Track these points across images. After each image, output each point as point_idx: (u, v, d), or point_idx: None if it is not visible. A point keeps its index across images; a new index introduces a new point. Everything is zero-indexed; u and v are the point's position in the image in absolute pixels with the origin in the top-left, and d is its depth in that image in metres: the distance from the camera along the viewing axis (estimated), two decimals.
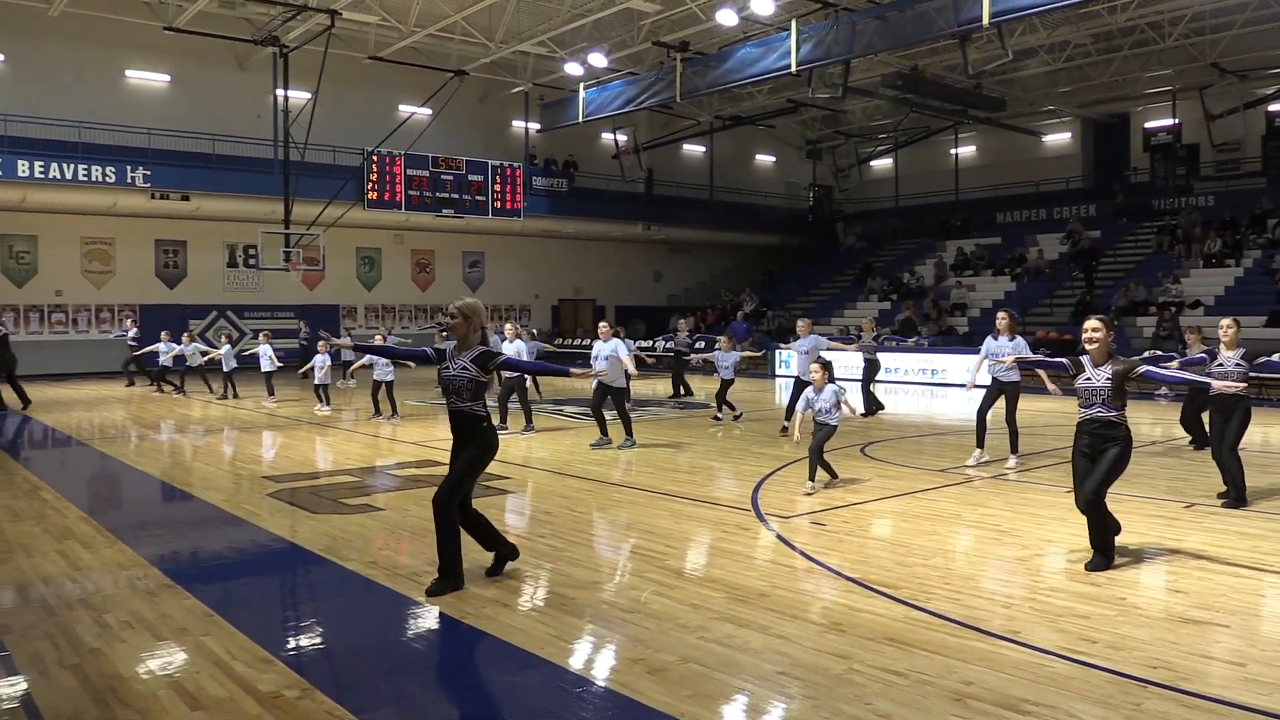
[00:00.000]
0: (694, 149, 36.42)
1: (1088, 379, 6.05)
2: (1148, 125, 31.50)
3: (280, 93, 23.81)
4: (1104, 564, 5.93)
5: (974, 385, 10.23)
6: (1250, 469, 8.39)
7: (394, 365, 15.14)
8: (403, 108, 27.66)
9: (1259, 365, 8.06)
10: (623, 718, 3.91)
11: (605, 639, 4.85)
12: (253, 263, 26.75)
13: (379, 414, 14.93)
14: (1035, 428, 13.06)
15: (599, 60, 25.04)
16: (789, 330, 24.42)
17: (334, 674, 4.46)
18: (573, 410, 15.88)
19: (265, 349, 17.70)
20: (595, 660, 4.60)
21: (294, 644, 4.85)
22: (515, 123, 31.66)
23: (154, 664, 4.49)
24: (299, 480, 9.56)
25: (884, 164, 37.55)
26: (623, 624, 5.02)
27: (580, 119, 26.97)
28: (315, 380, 16.17)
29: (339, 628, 5.17)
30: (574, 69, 25.79)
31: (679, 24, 24.29)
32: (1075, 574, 5.87)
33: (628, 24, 24.81)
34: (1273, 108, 28.47)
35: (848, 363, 18.79)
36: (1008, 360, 8.99)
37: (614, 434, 11.81)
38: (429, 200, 27.79)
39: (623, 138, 31.08)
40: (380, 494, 8.86)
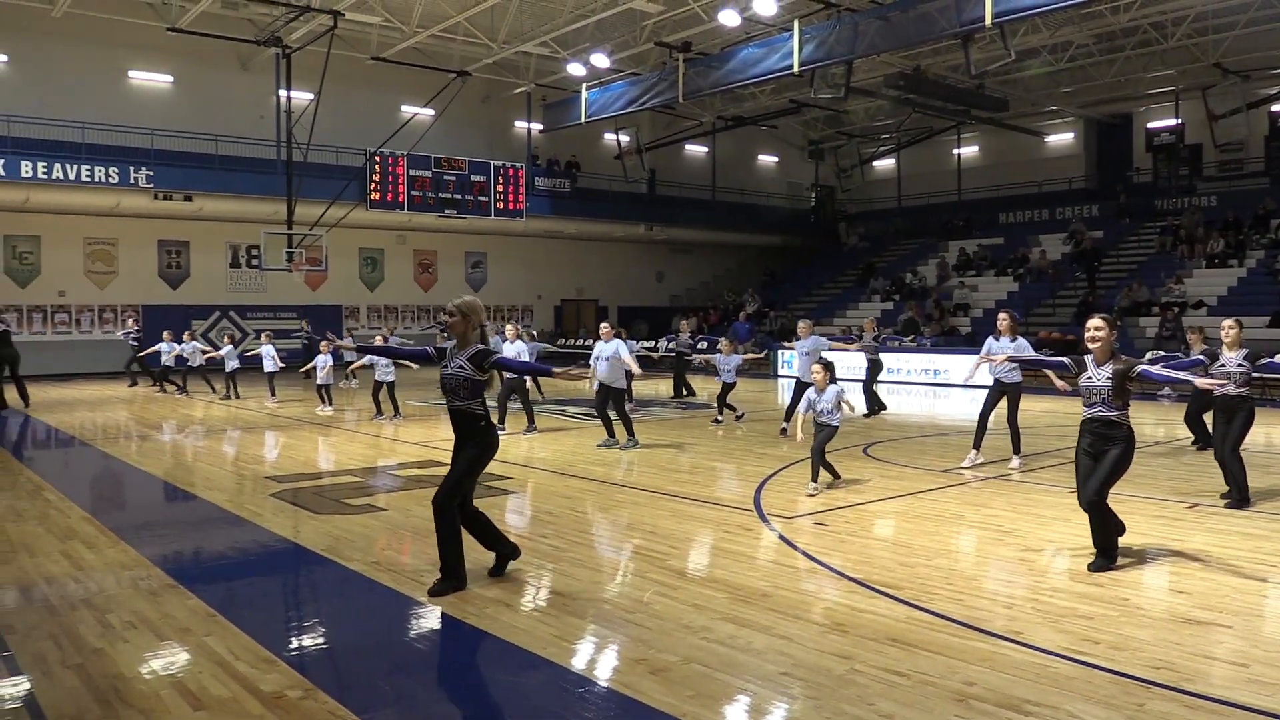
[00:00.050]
0: (696, 149, 36.41)
1: (1089, 378, 6.05)
2: (1150, 125, 31.47)
3: (283, 93, 23.84)
4: (1106, 564, 5.93)
5: (970, 379, 10.36)
6: (1253, 470, 8.38)
7: (394, 366, 15.16)
8: (405, 108, 27.68)
9: (1261, 366, 8.02)
10: (625, 718, 3.91)
11: (607, 639, 4.85)
12: (255, 263, 26.77)
13: (381, 414, 14.95)
14: (1038, 428, 13.05)
15: (601, 61, 25.05)
16: (791, 331, 24.39)
17: (336, 674, 4.46)
18: (575, 411, 15.88)
19: (268, 349, 17.74)
20: (597, 660, 4.60)
21: (297, 644, 4.85)
22: (518, 123, 31.69)
23: (157, 664, 4.50)
24: (302, 480, 9.57)
25: (886, 164, 37.52)
26: (625, 624, 5.03)
27: (583, 119, 26.99)
28: (318, 380, 16.22)
29: (341, 628, 5.17)
30: (576, 69, 25.82)
31: (681, 24, 24.29)
32: (1078, 574, 5.87)
33: (630, 24, 24.82)
34: (1276, 108, 28.45)
35: (850, 363, 18.79)
36: (999, 359, 8.96)
37: (619, 434, 11.81)
38: (431, 201, 27.80)
39: (625, 138, 31.10)
40: (382, 494, 8.86)
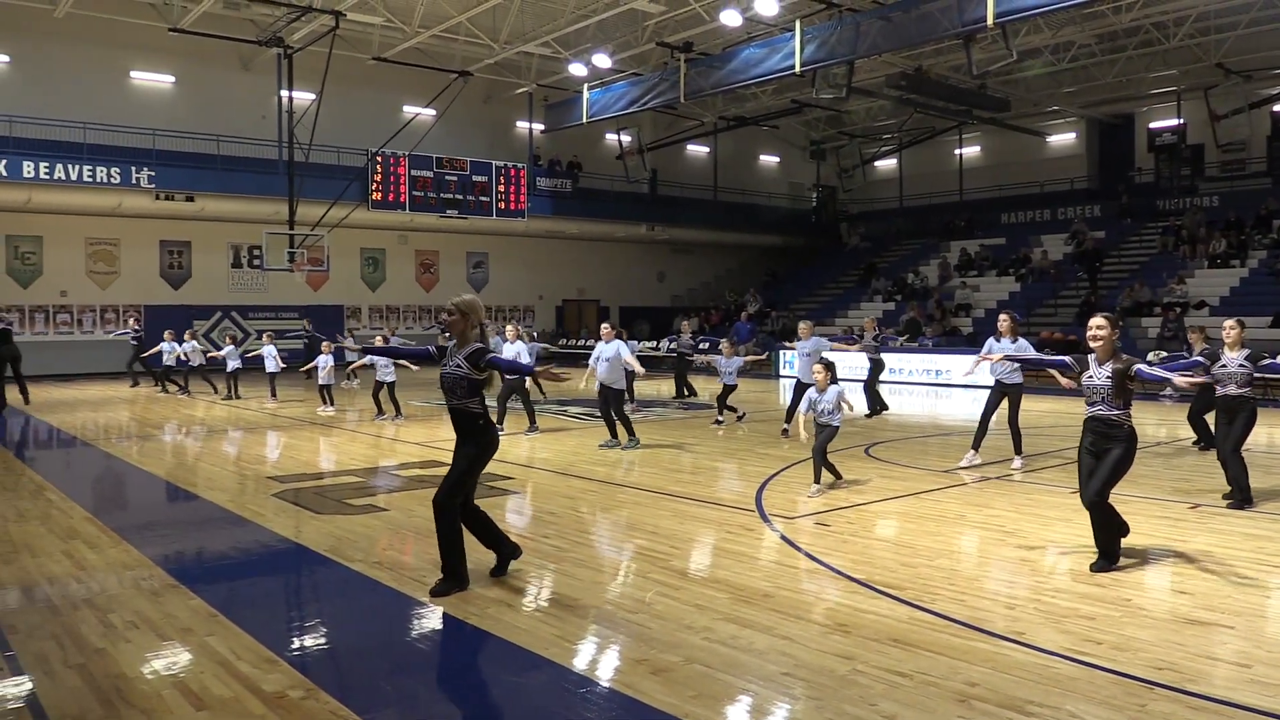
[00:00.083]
0: (698, 149, 36.41)
1: (1090, 377, 6.06)
2: (1152, 126, 31.46)
3: (285, 93, 23.84)
4: (1108, 565, 5.92)
5: (969, 374, 10.38)
6: (1255, 470, 8.37)
7: (394, 366, 15.16)
8: (407, 108, 27.70)
9: (1262, 367, 8.00)
10: (626, 718, 3.91)
11: (609, 639, 4.85)
12: (257, 263, 26.79)
13: (382, 414, 14.96)
14: (1040, 428, 13.04)
15: (603, 61, 25.05)
16: (793, 331, 24.40)
17: (338, 674, 4.46)
18: (576, 411, 15.88)
19: (269, 349, 17.76)
20: (599, 661, 4.60)
21: (298, 644, 4.85)
22: (519, 123, 31.70)
23: (159, 664, 4.50)
24: (303, 481, 9.57)
25: (888, 164, 37.51)
26: (627, 624, 5.02)
27: (584, 120, 27.01)
28: (319, 381, 16.25)
29: (343, 628, 5.17)
30: (578, 70, 25.82)
31: (683, 25, 24.29)
32: (1080, 575, 5.86)
33: (632, 25, 24.82)
34: (1278, 108, 28.42)
35: (852, 363, 18.78)
36: (995, 357, 8.97)
37: (620, 435, 11.80)
38: (433, 201, 27.81)
39: (626, 138, 31.11)
40: (384, 494, 8.86)
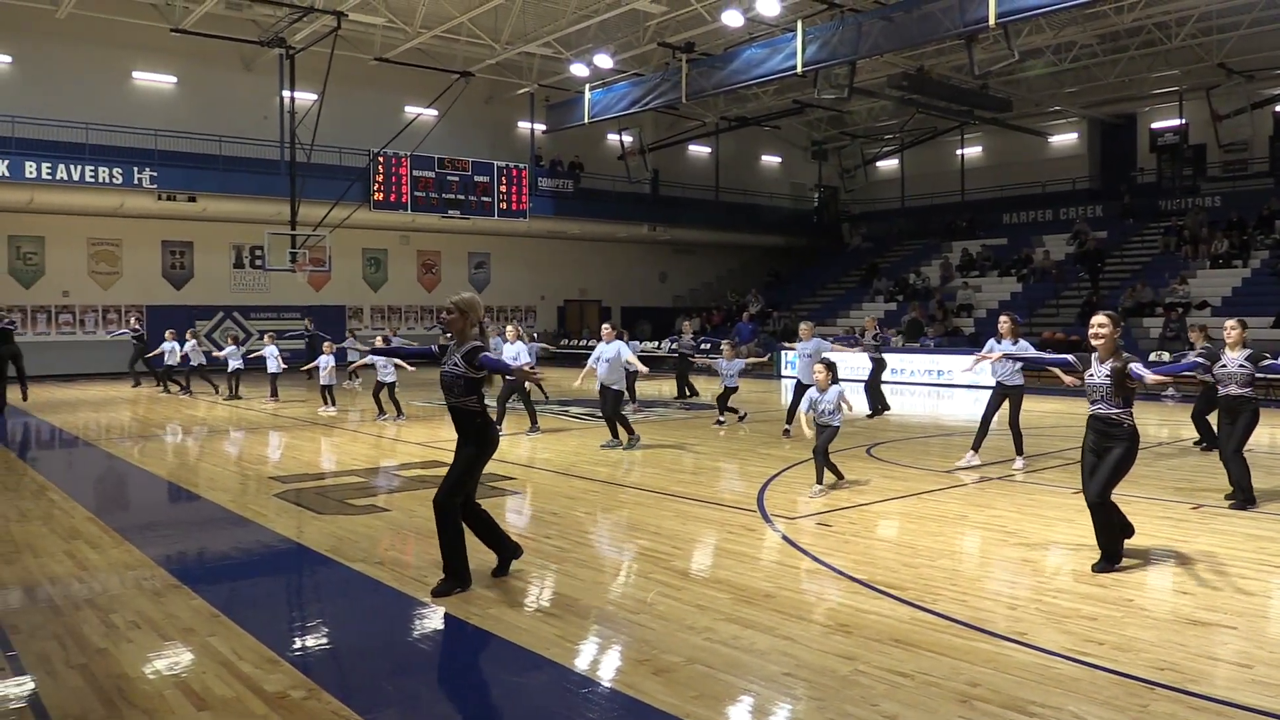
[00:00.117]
0: (699, 150, 36.42)
1: (1092, 375, 6.06)
2: (1154, 126, 31.44)
3: (286, 94, 23.86)
4: (1110, 565, 5.91)
5: (969, 370, 10.30)
6: (1257, 471, 8.37)
7: (393, 367, 15.16)
8: (408, 109, 27.74)
9: (1263, 368, 7.99)
10: (628, 719, 3.91)
11: (611, 640, 4.85)
12: (259, 264, 26.82)
13: (383, 415, 14.97)
14: (1041, 428, 13.04)
15: (604, 61, 25.05)
16: (794, 331, 24.39)
17: (340, 674, 4.47)
18: (578, 411, 15.89)
19: (271, 350, 17.79)
20: (601, 661, 4.60)
21: (300, 644, 4.86)
22: (521, 124, 31.71)
23: (161, 664, 4.51)
24: (305, 481, 9.58)
25: (890, 165, 37.51)
26: (628, 625, 5.02)
27: (586, 120, 27.01)
28: (321, 381, 16.28)
29: (345, 628, 5.17)
30: (579, 70, 25.82)
31: (684, 25, 24.30)
32: (1082, 575, 5.86)
33: (633, 25, 24.82)
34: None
35: (853, 363, 18.77)
36: (994, 355, 8.97)
37: (621, 435, 11.80)
38: (435, 201, 27.83)
39: (628, 138, 31.11)
40: (386, 495, 8.87)
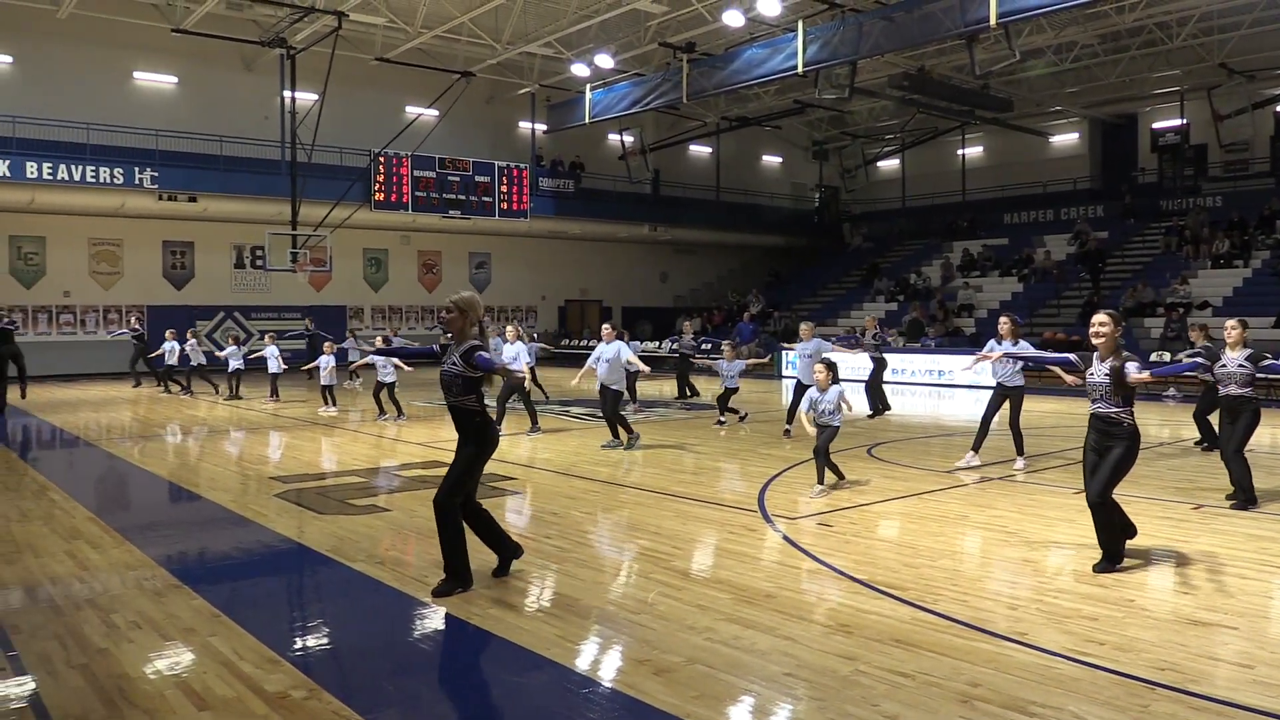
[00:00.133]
0: (700, 150, 36.41)
1: (1092, 374, 6.05)
2: (1155, 126, 31.41)
3: (287, 94, 23.87)
4: (1111, 566, 5.91)
5: (969, 369, 10.21)
6: (1258, 471, 8.35)
7: (392, 367, 15.15)
8: (409, 109, 27.75)
9: (1263, 368, 7.97)
10: (629, 719, 3.91)
11: (611, 640, 4.85)
12: (260, 264, 26.83)
13: (384, 415, 14.98)
14: (1042, 429, 13.04)
15: (605, 61, 25.05)
16: (795, 331, 24.39)
17: (341, 674, 4.47)
18: (579, 411, 15.89)
19: (272, 350, 17.81)
20: (601, 661, 4.60)
21: (301, 644, 4.86)
22: (522, 124, 31.72)
23: (161, 664, 4.51)
24: (306, 481, 9.58)
25: (891, 165, 37.49)
26: (629, 625, 5.02)
27: (587, 120, 27.01)
28: (321, 381, 16.29)
29: (346, 628, 5.17)
30: (580, 70, 25.83)
31: (685, 25, 24.30)
32: (1083, 575, 5.85)
33: (634, 25, 24.82)
34: None
35: (855, 364, 18.75)
36: (995, 354, 8.97)
37: (622, 435, 11.80)
38: (436, 201, 27.83)
39: (629, 139, 31.11)
40: (386, 495, 8.87)
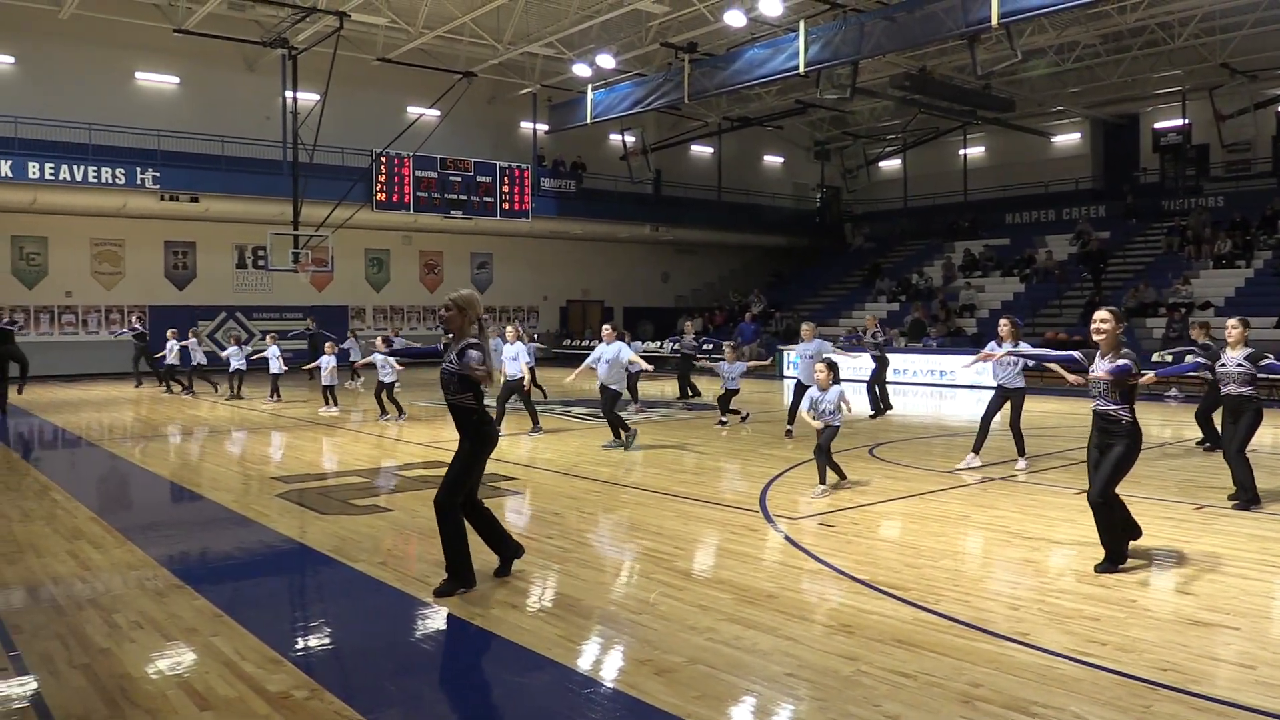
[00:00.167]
0: (702, 150, 36.40)
1: (1093, 370, 6.04)
2: (1157, 126, 31.37)
3: (289, 94, 23.90)
4: (1113, 566, 5.90)
5: (968, 366, 10.18)
6: (1261, 471, 8.34)
7: (392, 366, 15.14)
8: (411, 109, 27.76)
9: (1262, 367, 7.96)
10: (630, 719, 3.91)
11: (613, 640, 4.85)
12: (262, 264, 26.82)
13: (386, 415, 14.98)
14: (1044, 429, 13.03)
15: (607, 61, 25.04)
16: (797, 331, 24.37)
17: (343, 674, 4.47)
18: (580, 411, 15.89)
19: (273, 350, 17.83)
20: (603, 661, 4.60)
21: (303, 644, 4.86)
22: (523, 124, 31.72)
23: (163, 664, 4.51)
24: (308, 481, 9.59)
25: (892, 165, 37.48)
26: (631, 625, 5.03)
27: (588, 120, 26.99)
28: (322, 381, 16.31)
29: (348, 628, 5.18)
30: (582, 70, 25.82)
31: (687, 25, 24.29)
32: (1084, 576, 5.85)
33: (636, 25, 24.82)
34: None
35: (857, 364, 18.73)
36: (999, 354, 8.97)
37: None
38: (437, 201, 27.83)
39: (631, 139, 31.10)
40: (388, 495, 8.88)
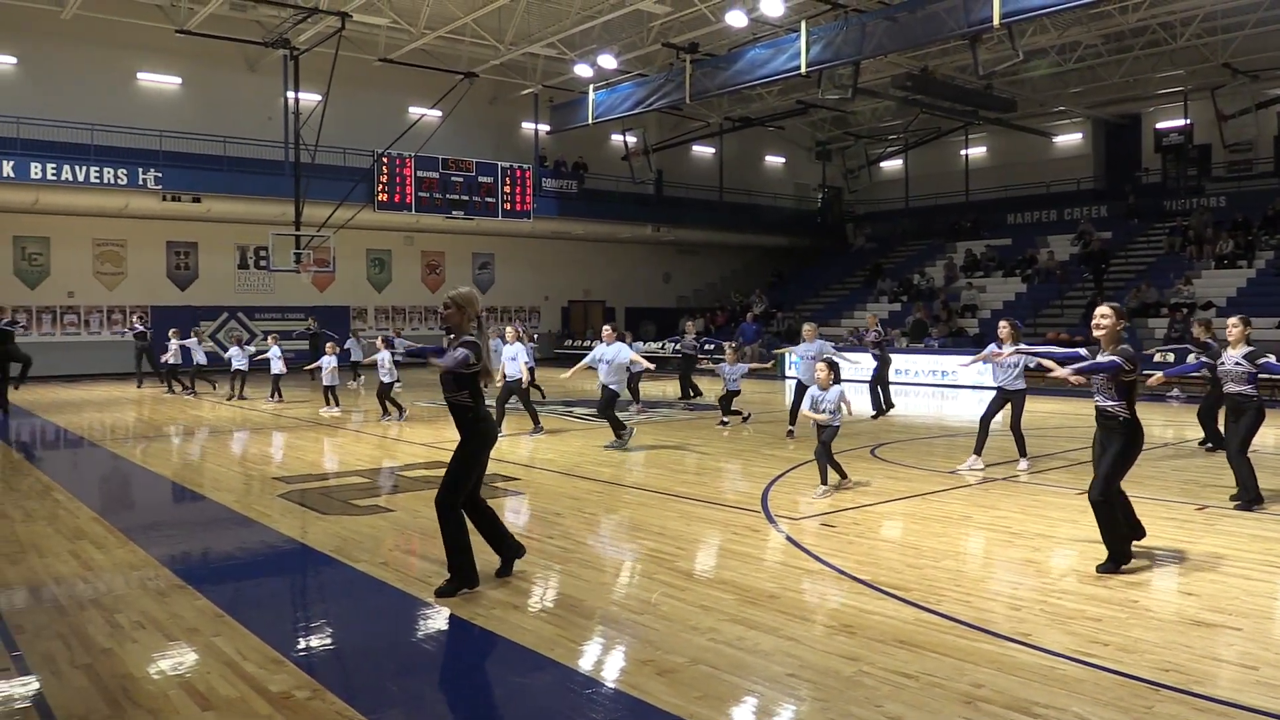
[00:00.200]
0: (703, 150, 36.39)
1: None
2: (1159, 126, 31.36)
3: (291, 95, 23.91)
4: (1115, 567, 5.89)
5: (968, 365, 10.19)
6: (1263, 472, 8.33)
7: (390, 366, 15.15)
8: (413, 110, 27.77)
9: (1258, 366, 7.95)
10: (632, 719, 3.91)
11: (615, 640, 4.85)
12: (264, 264, 26.83)
13: (387, 415, 14.99)
14: (1045, 429, 13.02)
15: (609, 62, 25.04)
16: (798, 332, 24.35)
17: (344, 675, 4.47)
18: (582, 411, 15.89)
19: (274, 350, 17.85)
20: (605, 662, 4.60)
21: (304, 645, 4.86)
22: (525, 124, 31.72)
23: (165, 664, 4.51)
24: (309, 481, 9.59)
25: (894, 165, 37.46)
26: (632, 625, 5.02)
27: (590, 121, 26.97)
28: (324, 382, 16.32)
29: (349, 628, 5.18)
30: (584, 70, 25.82)
31: (688, 25, 24.30)
32: (1086, 576, 5.84)
33: (637, 25, 24.82)
34: None
35: (859, 364, 18.69)
36: (1006, 354, 8.98)
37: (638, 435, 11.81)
38: (439, 202, 27.84)
39: (632, 139, 31.10)
40: (390, 495, 8.88)
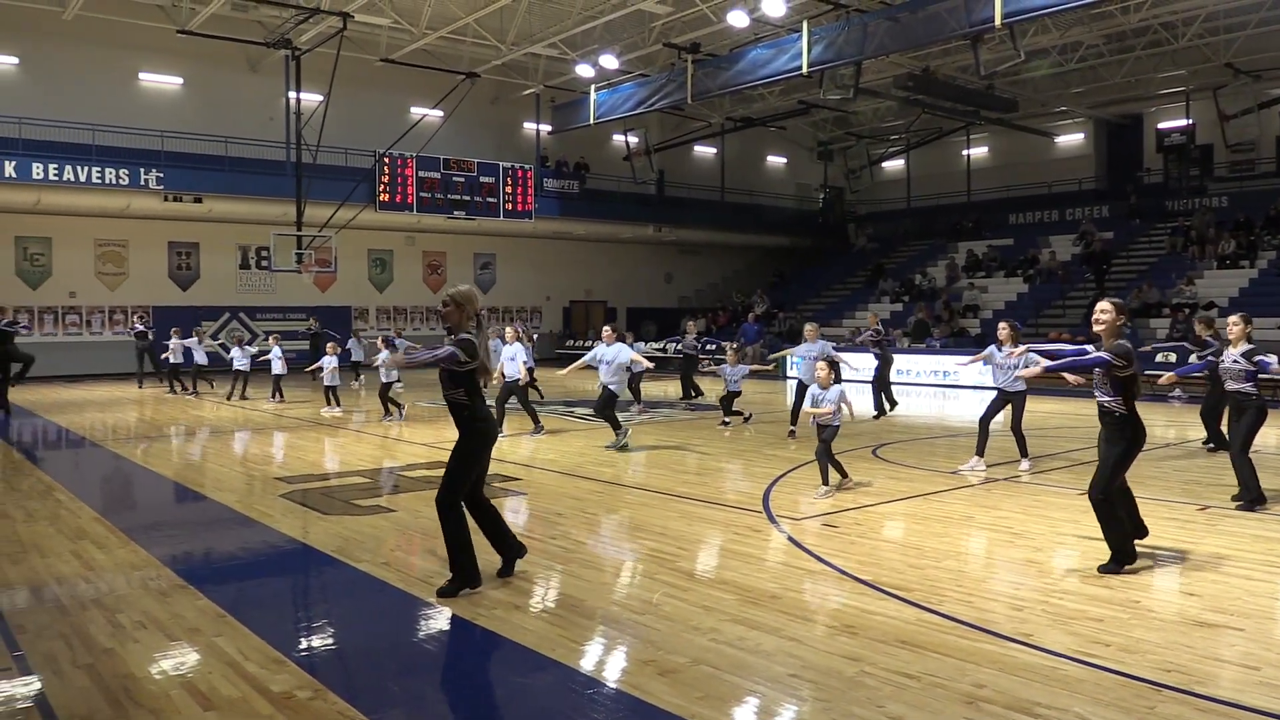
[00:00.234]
0: (705, 150, 36.39)
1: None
2: (1161, 126, 31.34)
3: (293, 95, 23.93)
4: (1117, 567, 5.88)
5: (967, 364, 10.20)
6: (1264, 471, 8.32)
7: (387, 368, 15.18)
8: (414, 110, 27.78)
9: (1254, 363, 7.93)
10: (633, 719, 3.91)
11: (616, 640, 4.85)
12: (265, 264, 26.86)
13: (388, 415, 15.00)
14: (1046, 429, 13.01)
15: (610, 62, 25.03)
16: (800, 332, 24.34)
17: (346, 675, 4.48)
18: (583, 412, 15.89)
19: (276, 350, 17.86)
20: (606, 662, 4.60)
21: (306, 645, 4.87)
22: (526, 124, 31.73)
23: (167, 664, 4.52)
24: (310, 481, 9.60)
25: (895, 165, 37.45)
26: (634, 626, 5.02)
27: (591, 121, 26.97)
28: (325, 382, 16.33)
29: (351, 629, 5.18)
30: (585, 71, 25.81)
31: (690, 25, 24.30)
32: (1088, 576, 5.84)
33: (639, 25, 24.83)
34: None
35: (860, 363, 18.66)
36: (1017, 352, 9.02)
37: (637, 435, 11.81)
38: (440, 202, 27.84)
39: (634, 139, 31.10)
40: (391, 495, 8.89)
